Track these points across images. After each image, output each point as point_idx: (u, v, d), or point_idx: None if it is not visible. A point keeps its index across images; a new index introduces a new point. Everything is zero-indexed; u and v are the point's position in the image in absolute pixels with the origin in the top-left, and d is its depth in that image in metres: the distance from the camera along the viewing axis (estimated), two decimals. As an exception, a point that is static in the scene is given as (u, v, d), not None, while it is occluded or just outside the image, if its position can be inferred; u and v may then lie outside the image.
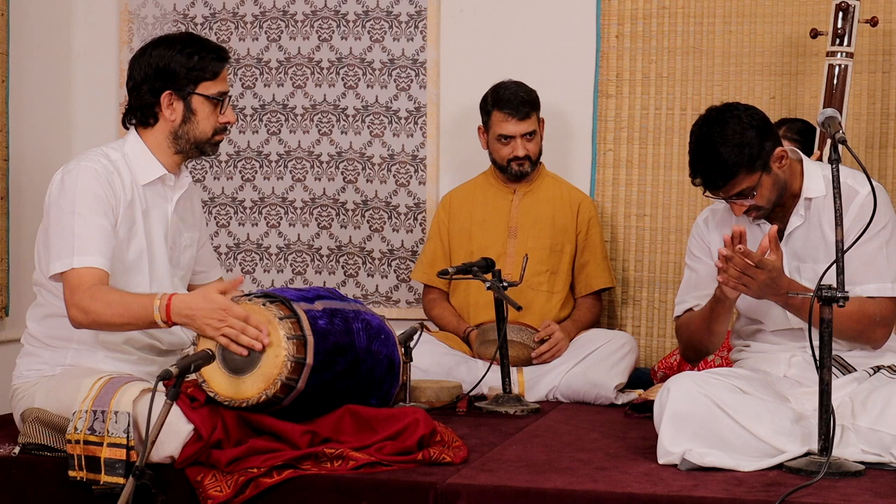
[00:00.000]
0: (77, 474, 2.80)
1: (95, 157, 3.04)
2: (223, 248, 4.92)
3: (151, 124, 3.12)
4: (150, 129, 3.13)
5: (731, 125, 3.06)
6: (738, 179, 3.06)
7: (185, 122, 3.11)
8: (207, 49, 3.12)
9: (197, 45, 3.11)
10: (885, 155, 4.34)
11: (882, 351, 3.15)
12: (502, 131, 4.29)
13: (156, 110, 3.10)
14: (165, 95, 3.08)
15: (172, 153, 3.14)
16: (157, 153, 3.13)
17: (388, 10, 4.76)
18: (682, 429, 2.83)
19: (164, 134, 3.12)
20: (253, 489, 2.71)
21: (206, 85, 3.10)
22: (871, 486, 2.65)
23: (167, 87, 3.08)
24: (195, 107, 3.10)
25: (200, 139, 3.14)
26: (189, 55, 3.08)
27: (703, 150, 3.08)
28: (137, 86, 3.10)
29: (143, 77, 3.09)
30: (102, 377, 2.90)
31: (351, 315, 3.05)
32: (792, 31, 4.41)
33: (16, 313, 4.45)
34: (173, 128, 3.11)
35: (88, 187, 2.96)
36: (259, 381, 2.81)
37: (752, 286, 2.97)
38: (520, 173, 4.34)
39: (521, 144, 4.29)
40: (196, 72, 3.08)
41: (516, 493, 2.64)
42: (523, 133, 4.28)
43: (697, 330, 3.24)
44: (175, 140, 3.13)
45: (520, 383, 4.01)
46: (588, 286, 4.39)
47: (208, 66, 3.10)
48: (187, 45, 3.09)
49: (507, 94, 4.29)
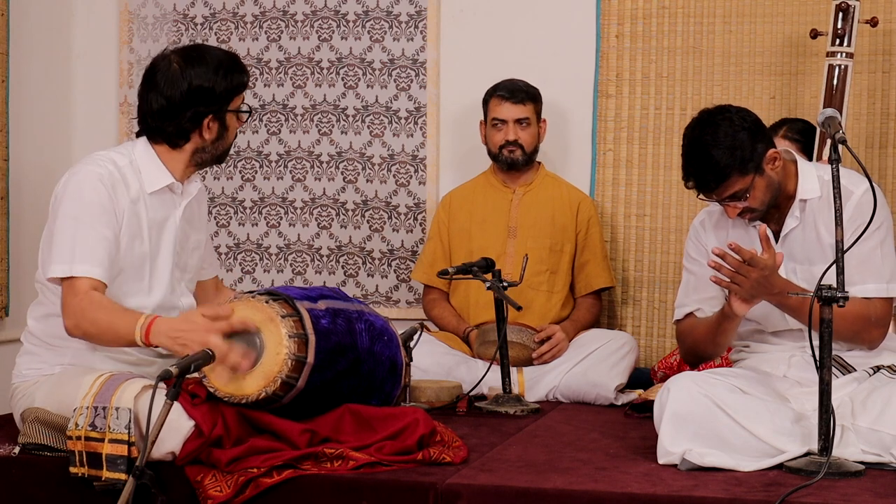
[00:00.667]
0: (79, 470, 2.79)
1: (103, 162, 3.02)
2: (223, 248, 4.92)
3: (181, 145, 3.09)
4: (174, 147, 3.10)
5: (722, 128, 3.06)
6: (730, 182, 3.06)
7: (217, 139, 3.10)
8: (239, 65, 3.10)
9: (231, 64, 3.08)
10: (885, 155, 4.34)
11: (881, 350, 3.15)
12: (496, 115, 4.34)
13: (191, 134, 3.07)
14: (207, 119, 3.05)
15: (187, 165, 3.13)
16: (169, 164, 3.10)
17: (388, 10, 4.76)
18: (682, 429, 2.83)
19: (191, 150, 3.10)
20: (253, 489, 2.71)
21: (236, 101, 3.10)
22: (871, 486, 2.65)
23: (210, 111, 3.04)
24: (228, 123, 3.10)
25: (225, 151, 3.15)
26: (225, 75, 3.05)
27: (695, 152, 3.08)
28: (174, 107, 3.03)
29: (181, 98, 3.02)
30: (104, 374, 2.90)
31: (354, 315, 3.05)
32: (792, 31, 4.41)
33: (16, 313, 4.45)
34: (203, 145, 3.10)
35: (93, 194, 2.95)
36: (259, 379, 2.81)
37: (744, 285, 2.96)
38: (510, 161, 4.35)
39: (513, 129, 4.31)
40: (232, 91, 3.07)
41: (516, 493, 2.64)
42: (516, 118, 4.30)
43: (702, 340, 3.24)
44: (197, 154, 3.11)
45: (520, 383, 4.01)
46: (588, 286, 4.39)
47: (242, 83, 3.10)
48: (223, 64, 3.06)
49: (507, 82, 4.37)
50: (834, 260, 2.76)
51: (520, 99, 4.31)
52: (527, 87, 4.36)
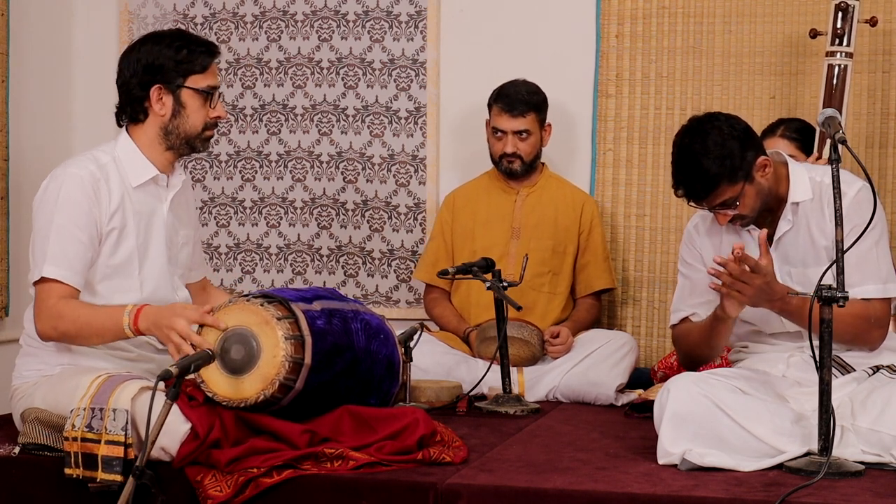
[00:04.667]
0: (73, 472, 2.79)
1: (84, 162, 3.05)
2: (223, 248, 4.92)
3: (142, 120, 3.13)
4: (141, 126, 3.13)
5: (712, 136, 3.05)
6: (720, 190, 3.06)
7: (174, 116, 3.12)
8: (196, 43, 3.14)
9: (185, 39, 3.14)
10: (885, 155, 4.34)
11: (881, 350, 3.15)
12: (496, 125, 4.32)
13: (146, 105, 3.11)
14: (155, 89, 3.09)
15: (163, 150, 3.15)
16: (149, 153, 3.13)
17: (388, 10, 4.76)
18: (682, 429, 2.83)
19: (155, 130, 3.13)
20: (253, 489, 2.71)
21: (195, 78, 3.12)
22: (871, 486, 2.65)
23: (156, 82, 3.09)
24: (185, 100, 3.12)
25: (191, 134, 3.15)
26: (178, 49, 3.10)
27: (685, 161, 3.08)
28: (126, 81, 3.13)
29: (132, 72, 3.11)
30: (101, 375, 2.90)
31: (350, 315, 3.05)
32: (792, 31, 4.41)
33: (16, 313, 4.45)
34: (163, 123, 3.12)
35: (70, 196, 2.98)
36: (257, 382, 2.81)
37: (746, 292, 2.96)
38: (509, 171, 4.34)
39: (512, 141, 4.30)
40: (185, 65, 3.10)
41: (516, 493, 2.64)
42: (515, 130, 4.28)
43: (697, 344, 3.24)
44: (166, 136, 3.13)
45: (520, 383, 4.01)
46: (588, 286, 4.39)
47: (197, 60, 3.12)
48: (175, 40, 3.12)
49: (509, 89, 4.31)
50: (833, 260, 2.75)
51: (519, 111, 4.26)
52: (529, 95, 4.29)
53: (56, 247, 2.94)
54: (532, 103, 4.29)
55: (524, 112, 4.27)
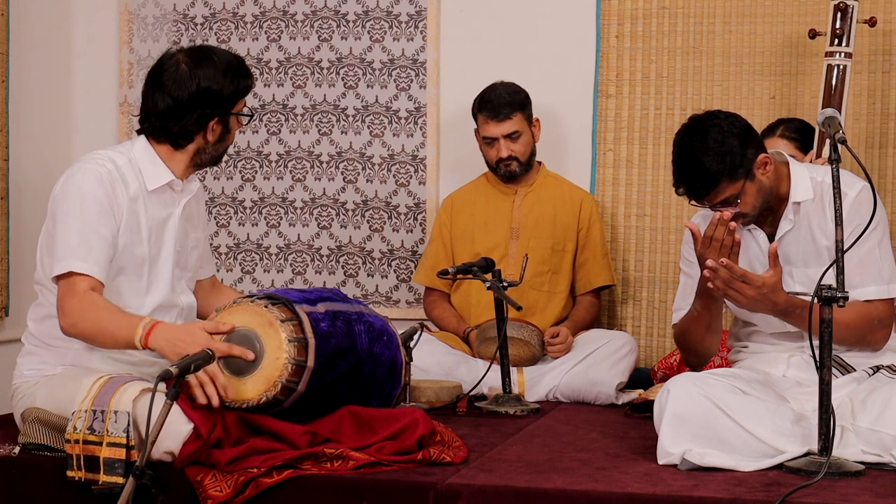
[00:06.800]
0: (76, 474, 2.79)
1: (101, 160, 3.02)
2: (223, 248, 4.92)
3: (184, 146, 3.09)
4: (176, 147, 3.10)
5: (711, 134, 3.05)
6: (720, 188, 3.05)
7: (219, 141, 3.11)
8: (245, 69, 3.11)
9: (239, 65, 3.09)
10: (884, 155, 4.34)
11: (882, 350, 3.15)
12: (485, 133, 4.30)
13: (195, 135, 3.08)
14: (212, 122, 3.06)
15: (187, 165, 3.13)
16: (169, 162, 3.11)
17: (388, 10, 4.76)
18: (681, 429, 2.83)
19: (191, 152, 3.11)
20: (253, 489, 2.71)
21: (240, 104, 3.12)
22: (871, 486, 2.65)
23: (215, 114, 3.05)
24: (231, 126, 3.11)
25: (224, 153, 3.17)
26: (233, 78, 3.05)
27: (685, 159, 3.08)
28: (180, 108, 3.03)
29: (188, 99, 3.02)
30: (102, 377, 2.90)
31: (353, 317, 3.05)
32: (791, 31, 4.41)
33: (16, 313, 4.45)
34: (202, 146, 3.10)
35: (91, 192, 2.96)
36: (260, 383, 2.81)
37: (740, 301, 2.97)
38: (509, 174, 4.34)
39: (504, 146, 4.28)
40: (238, 94, 3.08)
41: (516, 493, 2.64)
42: (505, 134, 4.27)
43: (697, 333, 3.24)
44: (197, 155, 3.12)
45: (520, 383, 4.01)
46: (588, 284, 4.39)
47: (248, 86, 3.11)
48: (231, 67, 3.06)
49: (490, 95, 4.28)
50: (834, 260, 2.75)
51: (505, 115, 4.24)
52: (511, 96, 4.26)
53: (81, 241, 2.92)
54: (515, 103, 4.26)
55: (510, 114, 4.25)
